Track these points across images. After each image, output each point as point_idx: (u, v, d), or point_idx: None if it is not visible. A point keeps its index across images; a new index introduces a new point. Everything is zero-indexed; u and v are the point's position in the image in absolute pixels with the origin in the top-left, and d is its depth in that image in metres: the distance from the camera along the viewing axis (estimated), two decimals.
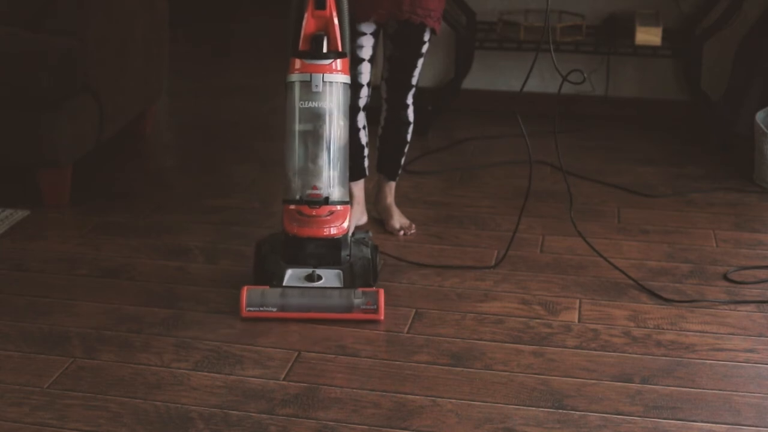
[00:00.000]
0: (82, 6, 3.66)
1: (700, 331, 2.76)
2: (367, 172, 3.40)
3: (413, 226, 3.43)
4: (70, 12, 3.65)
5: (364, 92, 3.19)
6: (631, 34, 4.41)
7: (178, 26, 5.30)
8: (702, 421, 2.33)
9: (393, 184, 3.45)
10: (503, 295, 2.98)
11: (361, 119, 3.28)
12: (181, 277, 3.09)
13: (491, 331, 2.77)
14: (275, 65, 5.53)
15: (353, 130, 3.22)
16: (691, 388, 2.48)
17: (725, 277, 3.09)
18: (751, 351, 2.66)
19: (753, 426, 2.32)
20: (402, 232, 3.41)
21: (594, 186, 3.89)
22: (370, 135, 3.38)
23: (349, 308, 2.76)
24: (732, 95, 4.29)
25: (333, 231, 2.88)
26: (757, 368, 2.57)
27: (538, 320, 2.83)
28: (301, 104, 2.84)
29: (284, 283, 2.84)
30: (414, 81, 3.28)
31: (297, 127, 2.85)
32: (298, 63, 2.84)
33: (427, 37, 3.20)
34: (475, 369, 2.56)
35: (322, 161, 2.85)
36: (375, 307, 2.76)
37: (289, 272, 2.85)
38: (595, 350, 2.66)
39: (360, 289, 2.79)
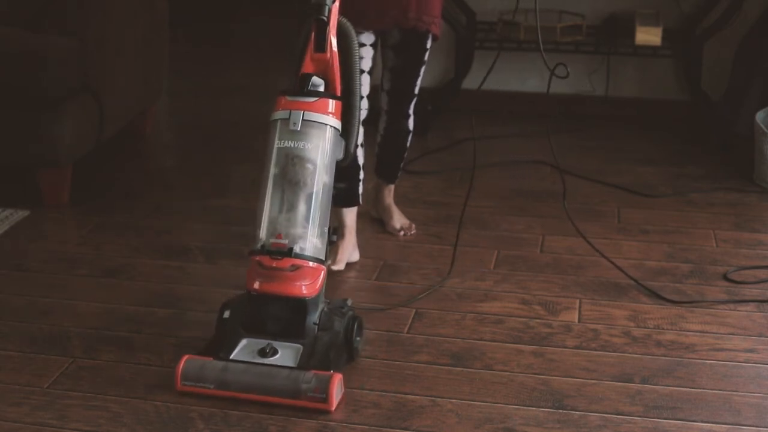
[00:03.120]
0: (82, 6, 3.66)
1: (700, 331, 2.76)
2: (361, 200, 3.17)
3: (413, 226, 3.43)
4: (70, 12, 3.65)
5: (364, 104, 3.02)
6: (631, 34, 4.40)
7: (178, 26, 5.29)
8: (702, 421, 2.34)
9: (392, 186, 3.43)
10: (503, 295, 2.98)
11: (360, 135, 3.05)
12: (181, 277, 3.09)
13: (491, 331, 2.77)
14: (275, 65, 5.53)
15: None
16: (691, 388, 2.48)
17: (725, 277, 3.09)
18: (751, 351, 2.66)
19: (753, 426, 2.32)
20: (402, 233, 3.39)
21: (594, 186, 3.89)
22: (368, 139, 3.29)
23: (296, 394, 2.35)
24: (732, 95, 4.29)
25: (298, 290, 2.46)
26: (757, 368, 2.57)
27: (538, 320, 2.83)
28: (279, 144, 2.51)
29: (233, 356, 2.44)
30: (416, 90, 3.19)
31: (272, 169, 2.52)
32: (281, 101, 2.56)
33: (429, 44, 3.12)
34: (475, 369, 2.56)
35: (296, 211, 2.48)
36: (324, 395, 2.33)
37: (243, 342, 2.47)
38: (595, 350, 2.66)
39: (313, 372, 2.37)
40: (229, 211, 3.61)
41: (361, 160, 3.12)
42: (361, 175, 3.15)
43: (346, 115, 2.62)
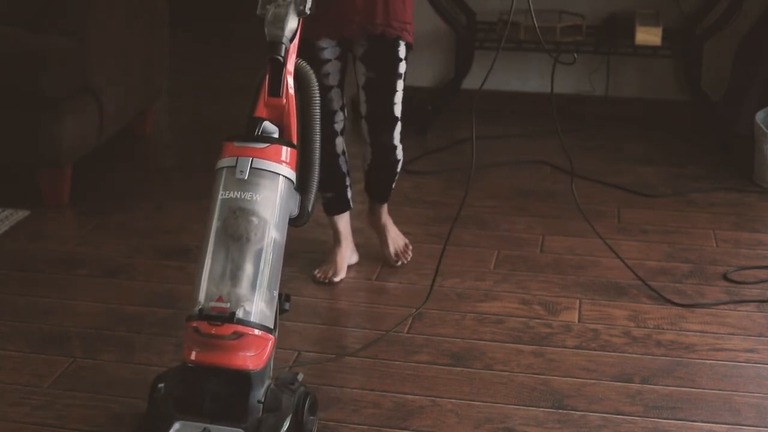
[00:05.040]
0: (82, 6, 3.66)
1: (700, 331, 2.76)
2: (351, 204, 3.08)
3: (409, 249, 3.22)
4: (70, 12, 3.65)
5: (339, 117, 2.92)
6: (631, 34, 4.40)
7: (178, 26, 5.29)
8: (702, 421, 2.34)
9: (385, 205, 3.20)
10: (503, 295, 2.98)
11: (340, 144, 2.97)
12: (181, 277, 3.09)
13: (491, 331, 2.77)
14: None
15: (332, 156, 2.94)
16: (691, 388, 2.48)
17: (725, 277, 3.09)
18: (751, 351, 2.66)
19: (753, 426, 2.32)
20: (399, 262, 3.16)
21: (594, 186, 3.88)
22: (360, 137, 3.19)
23: None
24: (732, 95, 4.29)
25: (240, 361, 2.11)
26: (757, 368, 2.57)
27: (538, 320, 2.83)
28: (223, 194, 2.21)
29: None
30: (397, 112, 2.90)
31: (214, 224, 2.20)
32: (228, 147, 2.29)
33: (403, 53, 2.86)
34: (475, 369, 2.56)
35: (241, 271, 2.15)
36: None
37: (176, 426, 2.11)
38: (595, 350, 2.66)
39: None
40: None
41: (345, 168, 3.02)
42: (348, 181, 3.05)
43: (305, 170, 2.35)
